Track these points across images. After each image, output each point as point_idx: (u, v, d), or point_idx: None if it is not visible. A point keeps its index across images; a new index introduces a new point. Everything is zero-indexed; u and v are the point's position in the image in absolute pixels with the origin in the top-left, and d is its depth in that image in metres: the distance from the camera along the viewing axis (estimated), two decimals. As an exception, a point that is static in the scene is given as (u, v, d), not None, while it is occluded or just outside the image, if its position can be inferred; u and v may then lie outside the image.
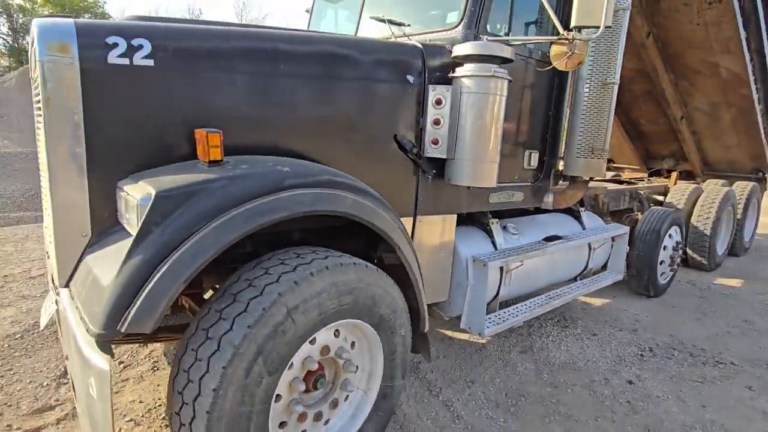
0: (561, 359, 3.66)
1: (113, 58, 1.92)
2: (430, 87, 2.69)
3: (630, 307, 4.91)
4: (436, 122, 2.68)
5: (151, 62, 1.98)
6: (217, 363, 1.66)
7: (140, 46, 1.96)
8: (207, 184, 1.75)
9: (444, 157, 2.70)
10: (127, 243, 1.73)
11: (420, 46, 2.71)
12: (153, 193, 1.67)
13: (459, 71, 2.62)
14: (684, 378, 3.50)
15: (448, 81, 2.70)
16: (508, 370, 3.46)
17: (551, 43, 2.74)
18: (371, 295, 2.11)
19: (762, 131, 6.62)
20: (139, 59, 1.96)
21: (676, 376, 3.51)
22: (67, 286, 2.00)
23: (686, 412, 3.06)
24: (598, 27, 2.55)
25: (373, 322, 2.19)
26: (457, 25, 2.83)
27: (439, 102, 2.66)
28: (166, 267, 1.61)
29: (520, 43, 2.97)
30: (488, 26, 2.89)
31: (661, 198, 6.38)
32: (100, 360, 1.59)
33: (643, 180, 7.39)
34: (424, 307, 2.48)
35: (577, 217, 4.24)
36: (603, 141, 3.40)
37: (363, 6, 3.48)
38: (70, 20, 1.90)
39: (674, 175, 7.18)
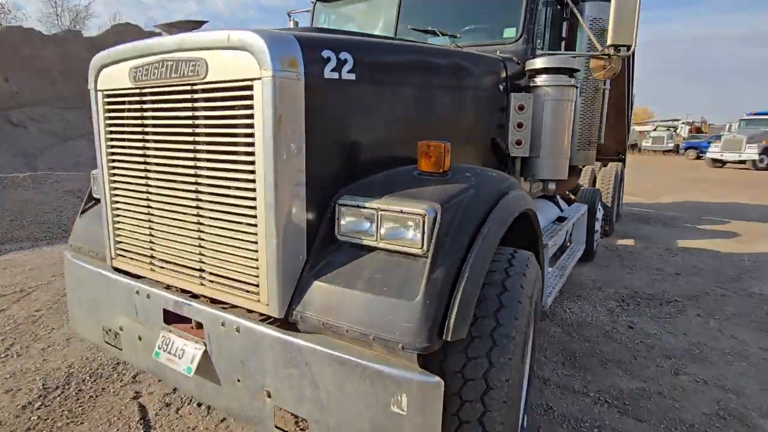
0: (573, 319, 4.37)
1: (328, 72, 1.88)
2: (512, 95, 3.04)
3: (581, 271, 5.94)
4: (519, 125, 3.05)
5: (353, 76, 1.97)
6: (501, 356, 1.80)
7: (345, 60, 1.94)
8: (464, 193, 1.85)
9: (525, 155, 3.09)
10: (402, 259, 1.76)
11: (500, 58, 3.04)
12: (437, 206, 1.72)
13: (539, 81, 3.03)
14: (659, 316, 4.50)
15: (522, 89, 3.09)
16: (545, 335, 4.02)
17: (592, 57, 3.32)
18: (539, 279, 2.41)
19: (626, 121, 8.43)
20: (345, 73, 1.94)
21: (654, 316, 4.50)
22: (287, 315, 1.87)
23: (679, 340, 4.00)
24: (630, 46, 3.20)
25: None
26: (517, 40, 3.23)
27: (521, 108, 3.03)
28: (467, 273, 1.69)
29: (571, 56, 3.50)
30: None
31: (569, 180, 7.69)
32: (420, 374, 1.61)
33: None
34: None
35: (555, 202, 5.02)
36: (597, 135, 4.16)
37: (399, 16, 3.63)
38: (289, 33, 1.78)
39: (570, 160, 8.67)
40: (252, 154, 1.81)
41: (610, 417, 2.90)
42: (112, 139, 2.38)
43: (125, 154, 2.32)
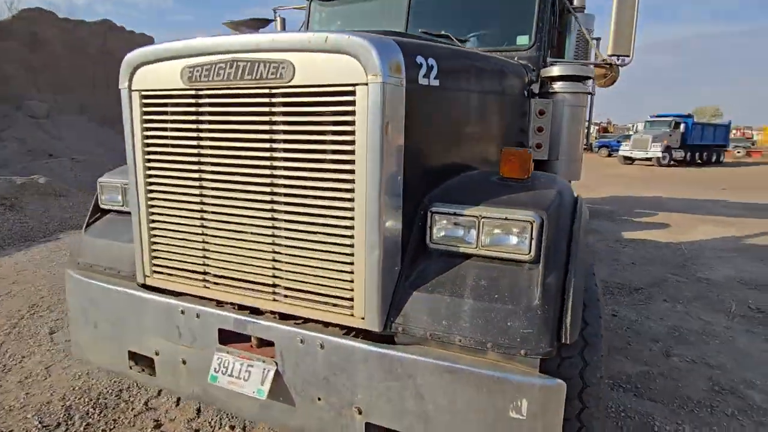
0: (563, 311, 4.63)
1: (421, 78, 1.84)
2: (533, 100, 3.16)
3: (551, 264, 6.30)
4: (539, 129, 3.18)
5: (437, 82, 1.96)
6: (594, 354, 1.88)
7: (432, 66, 1.91)
8: (556, 199, 1.90)
9: (545, 158, 3.23)
10: (504, 266, 1.78)
11: (523, 65, 3.14)
12: (543, 213, 1.76)
13: (556, 87, 3.18)
14: (634, 304, 4.90)
15: (536, 95, 3.23)
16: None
17: (596, 66, 3.53)
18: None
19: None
20: (432, 79, 1.92)
21: (630, 304, 4.90)
22: (386, 328, 1.81)
23: (658, 323, 4.39)
24: (628, 55, 3.45)
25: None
26: (530, 47, 3.36)
27: (542, 113, 3.16)
28: (574, 277, 1.74)
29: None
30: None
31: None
32: (542, 378, 1.64)
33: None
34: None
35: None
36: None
37: (408, 18, 3.62)
38: (388, 38, 1.72)
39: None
40: (350, 162, 1.73)
41: (629, 400, 3.12)
42: (150, 145, 2.15)
43: (170, 161, 2.11)
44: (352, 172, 1.73)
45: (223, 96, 1.92)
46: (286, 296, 1.97)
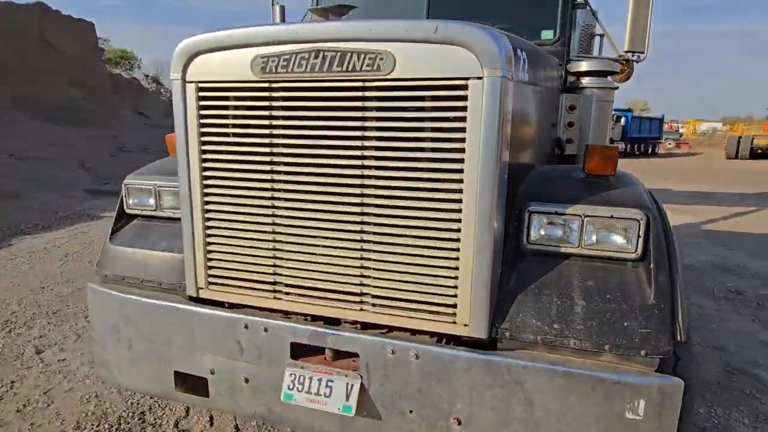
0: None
1: (520, 71, 1.76)
2: (563, 95, 3.17)
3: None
4: (570, 124, 3.19)
5: (527, 76, 1.89)
6: (686, 350, 1.87)
7: (525, 60, 1.84)
8: (647, 195, 1.89)
9: (576, 153, 3.25)
10: (608, 264, 1.76)
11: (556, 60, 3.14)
12: (647, 210, 1.74)
13: (585, 82, 3.20)
14: (629, 292, 5.11)
15: (567, 90, 3.25)
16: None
17: (614, 61, 3.60)
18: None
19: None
20: (524, 73, 1.85)
21: (625, 292, 5.09)
22: (491, 334, 1.74)
23: (657, 310, 4.60)
24: (643, 52, 3.54)
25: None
26: (555, 42, 3.36)
27: (572, 108, 3.17)
28: (679, 274, 1.74)
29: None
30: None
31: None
32: (660, 378, 1.63)
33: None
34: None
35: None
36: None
37: (429, 9, 3.52)
38: (492, 29, 1.63)
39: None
40: (460, 161, 1.63)
41: (657, 387, 3.23)
42: (208, 142, 1.93)
43: (233, 160, 1.91)
44: (461, 171, 1.63)
45: (304, 89, 1.75)
46: (374, 305, 1.85)
